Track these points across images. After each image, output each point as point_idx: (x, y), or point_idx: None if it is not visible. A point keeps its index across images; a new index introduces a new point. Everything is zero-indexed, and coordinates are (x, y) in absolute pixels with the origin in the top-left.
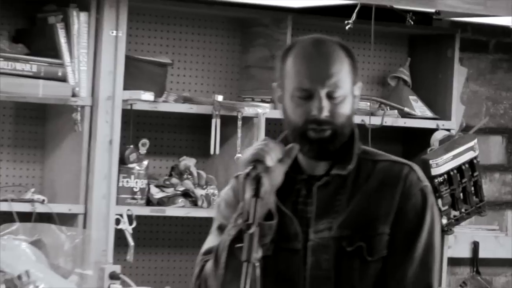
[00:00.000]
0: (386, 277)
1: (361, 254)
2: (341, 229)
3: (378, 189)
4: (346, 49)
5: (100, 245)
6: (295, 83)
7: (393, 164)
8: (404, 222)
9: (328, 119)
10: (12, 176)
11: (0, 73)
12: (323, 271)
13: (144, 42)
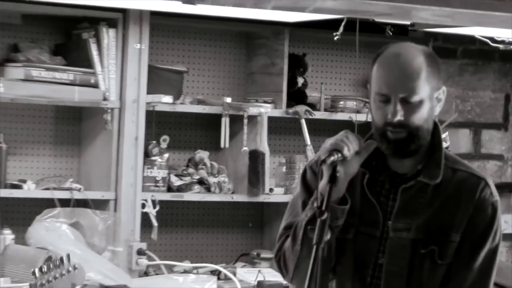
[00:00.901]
0: (448, 280)
1: (433, 257)
2: (418, 231)
3: (455, 199)
4: (430, 56)
5: (129, 226)
6: (376, 88)
7: (471, 176)
8: (473, 233)
9: (402, 122)
10: (54, 169)
11: (42, 81)
12: (398, 267)
13: (163, 53)
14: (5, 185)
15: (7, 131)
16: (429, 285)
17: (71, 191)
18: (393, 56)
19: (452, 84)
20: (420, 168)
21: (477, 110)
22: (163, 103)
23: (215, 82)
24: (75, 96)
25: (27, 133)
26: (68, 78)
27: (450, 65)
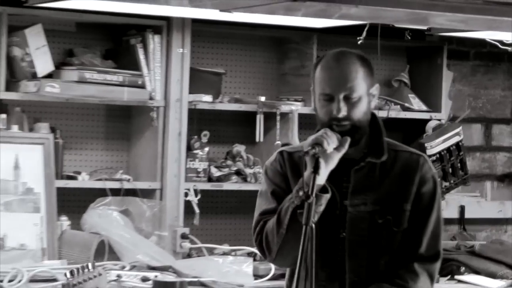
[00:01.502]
0: (406, 245)
1: (389, 225)
2: (374, 204)
3: (401, 174)
4: (362, 59)
5: (173, 212)
6: (320, 89)
7: (411, 154)
8: (421, 202)
9: (346, 116)
10: (105, 161)
11: (94, 82)
12: (359, 237)
13: (203, 57)
14: (62, 176)
15: (63, 128)
16: (387, 250)
17: (121, 182)
18: (333, 61)
19: (465, 83)
20: (366, 151)
21: (488, 106)
22: (204, 101)
23: (250, 82)
24: (124, 96)
25: (81, 130)
26: (118, 80)
27: (464, 66)
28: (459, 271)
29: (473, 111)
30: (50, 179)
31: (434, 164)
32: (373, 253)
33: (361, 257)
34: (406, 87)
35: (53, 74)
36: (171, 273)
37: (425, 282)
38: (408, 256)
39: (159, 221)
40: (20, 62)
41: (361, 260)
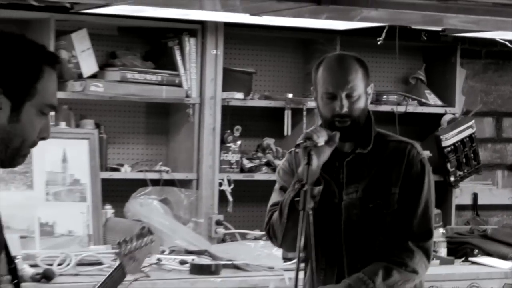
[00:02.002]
0: (398, 225)
1: (379, 208)
2: (364, 191)
3: (390, 161)
4: (360, 61)
5: (208, 201)
6: (323, 88)
7: (400, 143)
8: (409, 184)
9: (347, 113)
10: (146, 154)
11: (135, 82)
12: (354, 221)
13: (235, 58)
14: (106, 168)
15: (107, 123)
16: (381, 232)
17: (161, 173)
18: (335, 63)
19: (477, 80)
20: (355, 143)
21: (498, 101)
22: (236, 98)
23: (278, 81)
24: (163, 94)
25: (123, 125)
26: (157, 79)
27: (476, 64)
28: (473, 253)
29: (484, 106)
30: (95, 171)
31: (449, 154)
32: (368, 236)
33: (356, 240)
34: (422, 84)
35: (97, 74)
36: (207, 257)
37: (421, 258)
38: (401, 235)
39: (195, 209)
40: (67, 63)
41: (356, 243)
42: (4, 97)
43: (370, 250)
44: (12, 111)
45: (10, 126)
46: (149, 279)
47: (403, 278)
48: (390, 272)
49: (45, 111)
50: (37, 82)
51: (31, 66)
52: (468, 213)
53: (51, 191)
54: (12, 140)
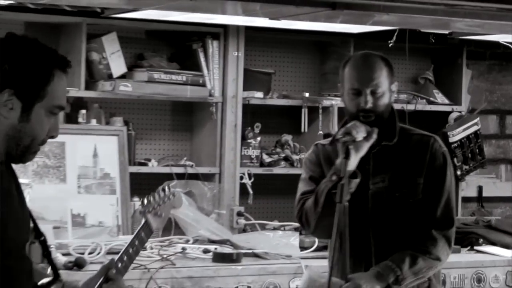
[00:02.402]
0: (422, 214)
1: (405, 197)
2: (391, 181)
3: (414, 153)
4: (385, 60)
5: (230, 193)
6: (349, 84)
7: (423, 136)
8: (433, 175)
9: (372, 108)
10: (171, 150)
11: (161, 82)
12: (380, 209)
13: (256, 59)
14: (134, 163)
15: (135, 121)
16: (405, 219)
17: (185, 167)
18: (361, 60)
19: (482, 80)
20: (381, 136)
21: (502, 100)
22: (256, 97)
23: (296, 81)
24: (187, 93)
25: (151, 123)
26: (182, 79)
27: (481, 65)
28: (478, 242)
29: (489, 104)
30: (124, 165)
31: (456, 149)
32: (394, 224)
33: (383, 228)
34: (431, 84)
35: (126, 75)
36: (228, 246)
37: (443, 246)
38: (426, 224)
39: (218, 201)
40: (97, 65)
41: (383, 231)
42: (15, 98)
43: (396, 237)
44: (22, 112)
45: (21, 125)
46: (174, 267)
47: (428, 265)
48: (416, 259)
49: (54, 111)
50: (48, 84)
51: (43, 70)
52: (473, 204)
53: (82, 184)
54: (22, 139)
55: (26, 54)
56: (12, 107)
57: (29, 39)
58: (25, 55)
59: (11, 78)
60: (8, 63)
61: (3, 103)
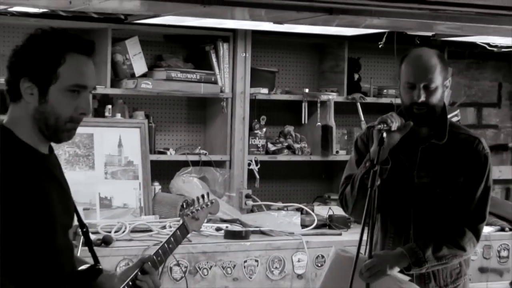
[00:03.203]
0: (458, 208)
1: (445, 193)
2: (434, 177)
3: (458, 152)
4: (440, 57)
5: (239, 178)
6: (405, 78)
7: (469, 136)
8: (473, 174)
9: (424, 102)
10: (187, 140)
11: (178, 80)
12: (422, 201)
13: (261, 59)
14: (154, 151)
15: (155, 115)
16: (443, 213)
17: (199, 155)
18: (417, 56)
19: (462, 76)
20: (432, 133)
21: (479, 94)
22: (261, 93)
23: (297, 78)
24: (201, 90)
25: (169, 116)
26: (196, 78)
27: (460, 63)
28: None
29: (468, 98)
30: (146, 154)
31: None
32: (433, 214)
33: (423, 218)
34: None
35: (147, 74)
36: (238, 224)
37: (471, 238)
38: (458, 216)
39: (228, 185)
40: (121, 65)
41: (422, 219)
42: (32, 83)
43: (433, 226)
44: (40, 95)
45: (42, 107)
46: (190, 243)
47: (452, 253)
48: (441, 246)
49: (74, 90)
50: (59, 67)
51: (51, 54)
52: None
53: (109, 171)
54: (47, 119)
55: (35, 42)
56: (32, 92)
57: (42, 29)
58: (35, 43)
59: (26, 66)
60: (23, 53)
61: (25, 90)
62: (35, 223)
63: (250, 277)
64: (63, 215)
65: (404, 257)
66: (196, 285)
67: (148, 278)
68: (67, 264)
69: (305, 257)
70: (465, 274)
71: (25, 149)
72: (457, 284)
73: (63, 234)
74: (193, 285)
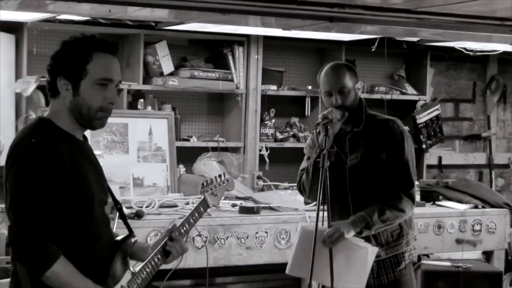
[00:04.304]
0: (388, 179)
1: (373, 169)
2: (361, 158)
3: (378, 134)
4: (347, 67)
5: (252, 162)
6: (323, 88)
7: (385, 120)
8: (393, 149)
9: (341, 104)
10: (208, 129)
11: (200, 78)
12: (355, 179)
13: (271, 60)
14: (179, 139)
15: (180, 107)
16: (376, 185)
17: (218, 142)
18: (330, 69)
19: (442, 76)
20: (352, 124)
21: (457, 91)
22: (271, 89)
23: (301, 77)
24: (220, 86)
25: (192, 108)
26: (215, 76)
27: (441, 65)
28: (438, 198)
29: (447, 94)
30: (172, 141)
31: (421, 129)
32: (366, 189)
33: (358, 192)
34: (403, 79)
35: (173, 73)
36: (250, 201)
37: (407, 201)
38: (392, 186)
39: (242, 168)
40: (152, 65)
41: (358, 194)
42: (66, 80)
43: (368, 198)
44: (73, 89)
45: (76, 99)
46: (210, 217)
47: (394, 215)
48: (384, 211)
49: (102, 83)
50: (87, 64)
51: (80, 54)
52: (435, 170)
53: (141, 155)
54: (81, 109)
55: (68, 47)
56: (67, 88)
57: (75, 36)
58: (67, 48)
59: (60, 67)
60: (58, 57)
61: (61, 87)
62: (77, 197)
63: (260, 246)
64: (100, 192)
65: (356, 223)
66: (214, 253)
67: (176, 244)
68: (105, 233)
69: None
70: (407, 234)
71: (65, 135)
72: (400, 242)
73: (100, 208)
74: (212, 253)
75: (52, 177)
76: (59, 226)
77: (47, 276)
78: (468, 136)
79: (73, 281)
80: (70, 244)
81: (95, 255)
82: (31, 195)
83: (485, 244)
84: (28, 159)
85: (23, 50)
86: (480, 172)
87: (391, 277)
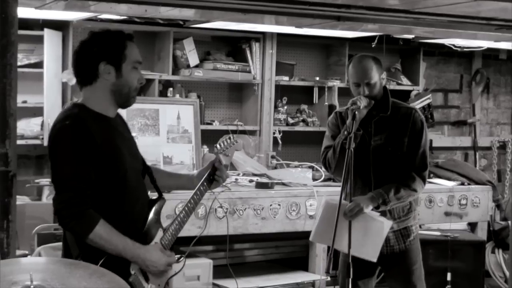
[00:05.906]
0: (406, 161)
1: (395, 151)
2: (385, 140)
3: (401, 120)
4: (375, 59)
5: (266, 143)
6: (352, 79)
7: (407, 108)
8: (413, 135)
9: (368, 95)
10: (228, 114)
11: (222, 70)
12: (378, 158)
13: (284, 54)
14: (204, 123)
15: (204, 95)
16: (395, 166)
17: (237, 126)
18: (358, 60)
19: (433, 69)
20: (379, 109)
21: (446, 83)
22: (284, 80)
23: (310, 69)
24: (239, 77)
25: (214, 96)
26: (235, 68)
27: (432, 59)
28: (429, 176)
29: (437, 85)
30: (197, 124)
31: None
32: (387, 168)
33: (380, 170)
34: (399, 72)
35: (199, 65)
36: (265, 177)
37: (419, 182)
38: (408, 167)
39: (258, 148)
40: (180, 58)
41: (380, 172)
42: (109, 65)
43: (388, 176)
44: (116, 72)
45: (118, 81)
46: (230, 191)
47: (407, 194)
48: (399, 189)
49: (135, 66)
50: (125, 49)
51: (118, 42)
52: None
53: (170, 137)
54: (122, 89)
55: (102, 37)
56: (109, 72)
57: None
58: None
59: (102, 54)
60: (96, 47)
61: (103, 72)
62: (111, 168)
63: (274, 216)
64: (133, 160)
65: (374, 199)
66: (234, 222)
67: (221, 172)
68: (141, 196)
69: (315, 203)
70: (415, 209)
71: (97, 116)
72: (408, 216)
73: (135, 175)
74: (231, 222)
75: (85, 153)
76: (97, 194)
77: (90, 239)
78: (455, 122)
79: (113, 240)
80: (109, 208)
81: (132, 216)
82: (68, 170)
83: (470, 216)
84: (63, 139)
85: (68, 45)
86: (466, 154)
87: (402, 247)
